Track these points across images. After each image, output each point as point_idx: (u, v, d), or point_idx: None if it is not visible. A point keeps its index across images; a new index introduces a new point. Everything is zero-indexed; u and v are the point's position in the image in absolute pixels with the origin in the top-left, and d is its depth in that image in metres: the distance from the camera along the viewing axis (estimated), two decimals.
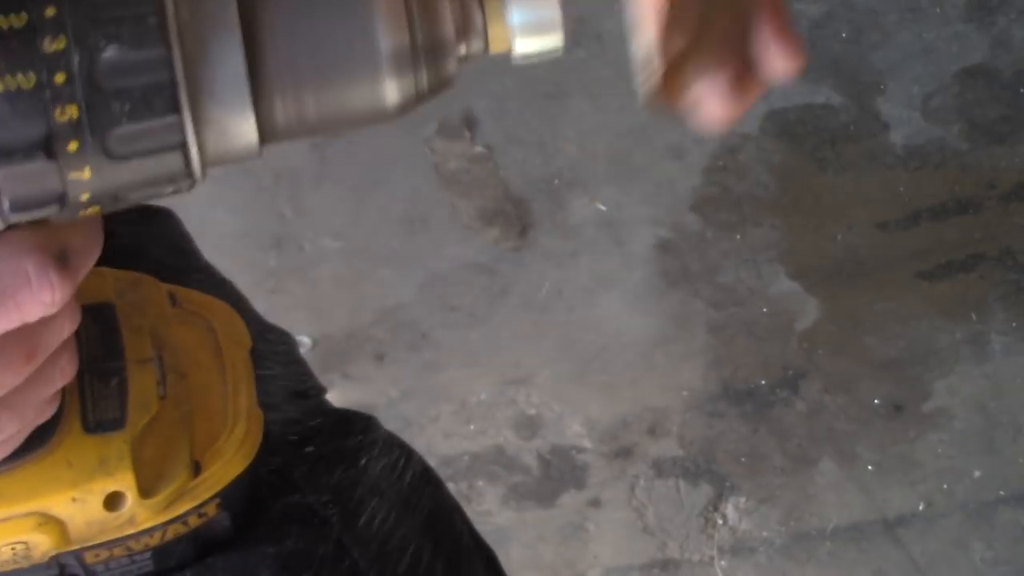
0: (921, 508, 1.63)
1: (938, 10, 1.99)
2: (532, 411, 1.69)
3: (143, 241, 0.81)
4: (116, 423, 0.61)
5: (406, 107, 0.49)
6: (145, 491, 0.61)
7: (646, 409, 1.69)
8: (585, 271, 1.79)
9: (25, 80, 0.43)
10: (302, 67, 0.47)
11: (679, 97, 0.58)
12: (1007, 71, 1.94)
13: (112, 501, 0.61)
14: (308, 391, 0.82)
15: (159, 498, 0.62)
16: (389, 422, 0.85)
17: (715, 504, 1.64)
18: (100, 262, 0.51)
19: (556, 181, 1.84)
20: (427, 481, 0.82)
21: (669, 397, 1.70)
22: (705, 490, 1.65)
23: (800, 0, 1.99)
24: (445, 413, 1.69)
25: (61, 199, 0.45)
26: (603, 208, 1.83)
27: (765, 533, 1.62)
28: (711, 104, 0.58)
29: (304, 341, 1.71)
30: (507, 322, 1.76)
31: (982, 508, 1.63)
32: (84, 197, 0.45)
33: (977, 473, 1.65)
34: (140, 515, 0.62)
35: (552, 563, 1.61)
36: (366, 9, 0.47)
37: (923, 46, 1.96)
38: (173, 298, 0.69)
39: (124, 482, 0.60)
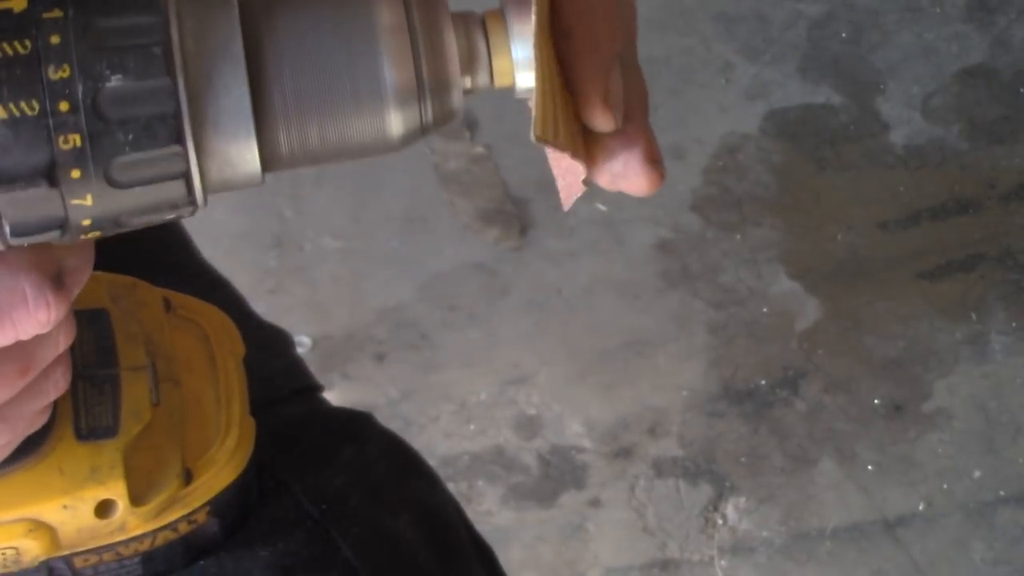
0: (921, 508, 1.62)
1: (938, 10, 1.99)
2: (532, 411, 1.69)
3: (139, 240, 0.81)
4: (109, 431, 0.61)
5: (410, 139, 0.49)
6: (136, 499, 0.61)
7: (646, 409, 1.69)
8: (585, 271, 1.79)
9: (28, 107, 0.43)
10: (306, 98, 0.47)
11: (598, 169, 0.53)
12: (1007, 71, 1.93)
13: (103, 509, 0.61)
14: (304, 389, 0.83)
15: (150, 506, 0.62)
16: (389, 422, 0.84)
17: (715, 504, 1.64)
18: (95, 262, 0.51)
19: None
20: (425, 479, 0.82)
21: (669, 397, 1.70)
22: (705, 490, 1.64)
23: (800, 0, 1.99)
24: (445, 413, 1.69)
25: (62, 225, 0.45)
26: (603, 208, 1.83)
27: (765, 533, 1.62)
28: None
29: (304, 341, 1.71)
30: (507, 322, 1.75)
31: (982, 508, 1.62)
32: (86, 223, 0.45)
33: (977, 473, 1.65)
34: (131, 522, 0.62)
35: (552, 563, 1.61)
36: (372, 41, 0.47)
37: (923, 46, 1.95)
38: (168, 303, 0.69)
39: (115, 490, 0.60)
